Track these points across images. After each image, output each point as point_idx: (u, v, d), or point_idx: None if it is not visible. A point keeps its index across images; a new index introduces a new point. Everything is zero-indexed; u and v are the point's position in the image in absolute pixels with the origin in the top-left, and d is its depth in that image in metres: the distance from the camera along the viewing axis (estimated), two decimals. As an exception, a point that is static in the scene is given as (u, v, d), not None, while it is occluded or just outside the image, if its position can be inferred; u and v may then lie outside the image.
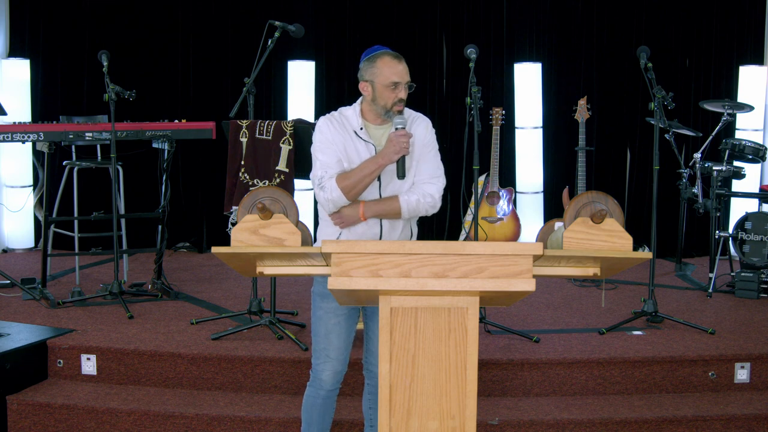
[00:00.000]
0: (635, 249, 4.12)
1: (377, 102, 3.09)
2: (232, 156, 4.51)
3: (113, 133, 5.16)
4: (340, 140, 3.10)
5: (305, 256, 2.52)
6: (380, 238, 3.14)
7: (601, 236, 2.48)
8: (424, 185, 3.13)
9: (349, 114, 3.16)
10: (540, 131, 7.10)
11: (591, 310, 5.21)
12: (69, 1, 7.15)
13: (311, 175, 3.14)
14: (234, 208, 4.45)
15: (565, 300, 5.50)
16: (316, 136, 3.13)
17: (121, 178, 5.76)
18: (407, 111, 3.18)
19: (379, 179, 3.12)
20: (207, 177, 6.99)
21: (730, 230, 5.88)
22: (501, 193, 6.41)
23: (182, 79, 7.19)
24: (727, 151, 6.00)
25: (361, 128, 3.13)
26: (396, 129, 3.05)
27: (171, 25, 7.15)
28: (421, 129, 3.17)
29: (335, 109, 3.23)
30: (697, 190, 6.11)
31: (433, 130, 3.23)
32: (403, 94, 3.09)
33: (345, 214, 3.10)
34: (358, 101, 3.20)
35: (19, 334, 4.45)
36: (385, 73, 3.05)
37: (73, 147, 6.25)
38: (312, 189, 7.28)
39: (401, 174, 3.07)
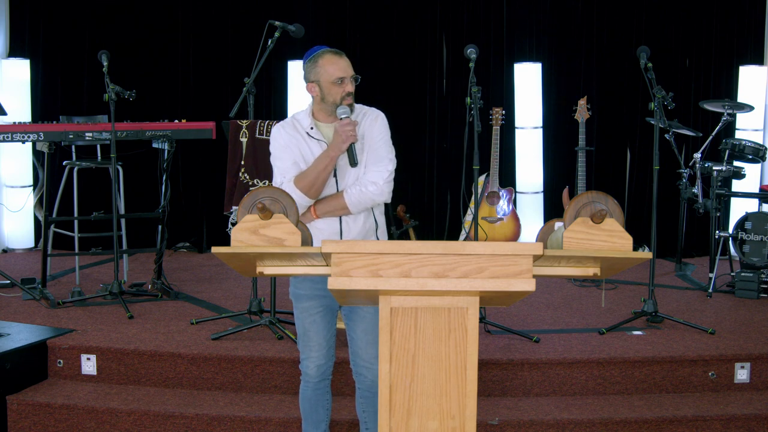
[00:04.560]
0: (635, 249, 4.12)
1: (326, 100, 3.16)
2: (232, 156, 4.51)
3: (113, 133, 5.16)
4: (294, 143, 3.17)
5: (305, 256, 2.52)
6: (340, 231, 3.20)
7: (601, 236, 2.48)
8: (367, 175, 3.18)
9: (301, 117, 3.24)
10: (540, 131, 7.10)
11: (591, 310, 5.21)
12: (69, 1, 7.15)
13: (273, 182, 3.21)
14: (234, 208, 4.46)
15: (565, 300, 5.50)
16: (272, 144, 3.22)
17: (121, 178, 5.76)
18: (359, 106, 3.25)
19: (335, 176, 3.18)
20: (207, 177, 6.99)
21: (730, 230, 5.88)
22: (501, 193, 6.41)
23: (182, 79, 7.19)
24: (727, 151, 6.00)
25: (312, 128, 3.19)
26: (341, 119, 3.11)
27: (171, 25, 7.15)
28: (368, 122, 3.22)
29: None
30: (697, 190, 6.10)
31: (384, 122, 3.26)
32: (350, 87, 3.16)
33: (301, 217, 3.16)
34: (309, 104, 3.26)
35: (19, 334, 4.45)
36: (329, 70, 3.13)
37: (73, 147, 6.25)
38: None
39: (353, 162, 3.13)
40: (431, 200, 7.22)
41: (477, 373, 2.47)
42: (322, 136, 3.19)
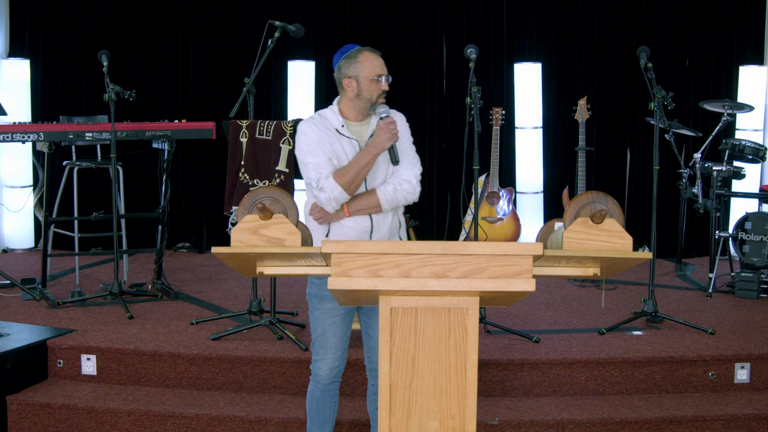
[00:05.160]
0: (635, 249, 4.13)
1: (362, 96, 3.17)
2: (232, 156, 4.51)
3: (113, 133, 5.16)
4: (326, 140, 3.16)
5: (305, 256, 2.53)
6: (371, 229, 3.20)
7: (601, 236, 2.48)
8: (400, 173, 3.22)
9: (328, 114, 3.23)
10: (540, 131, 7.10)
11: (591, 310, 5.21)
12: (69, 1, 7.15)
13: (305, 179, 3.19)
14: (234, 208, 4.45)
15: (565, 300, 5.50)
16: (301, 140, 3.18)
17: (121, 178, 5.76)
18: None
19: None
20: (207, 177, 6.99)
21: (730, 230, 5.88)
22: (501, 193, 6.41)
23: (182, 79, 7.19)
24: (727, 151, 6.00)
25: (342, 125, 3.19)
26: (381, 118, 3.15)
27: (171, 25, 7.15)
28: (396, 122, 3.24)
29: None
30: (697, 190, 6.11)
31: (407, 124, 3.32)
32: (385, 86, 3.19)
33: (332, 213, 3.16)
34: (335, 102, 3.27)
35: (19, 334, 4.45)
36: (369, 67, 3.16)
37: (73, 147, 6.25)
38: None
39: (395, 160, 3.17)
40: (431, 200, 7.22)
41: (477, 373, 2.47)
42: (352, 134, 3.20)
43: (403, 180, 3.19)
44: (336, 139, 3.16)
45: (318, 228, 3.19)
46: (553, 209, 7.08)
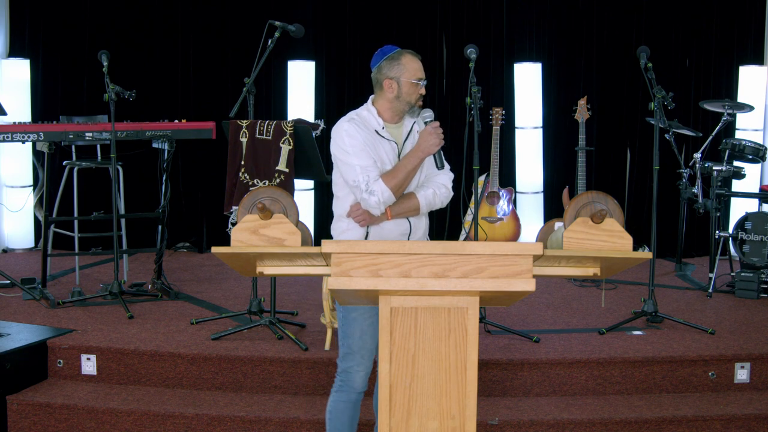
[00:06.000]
0: (635, 249, 4.13)
1: (402, 99, 3.17)
2: (232, 156, 4.51)
3: (113, 133, 5.16)
4: (371, 142, 3.14)
5: (305, 256, 2.53)
6: (409, 231, 3.21)
7: (601, 236, 2.49)
8: (437, 177, 3.25)
9: (365, 115, 3.20)
10: (540, 131, 7.10)
11: (591, 310, 5.21)
12: (69, 1, 7.15)
13: (349, 181, 3.12)
14: (234, 208, 4.45)
15: (565, 300, 5.50)
16: (346, 141, 3.12)
17: (121, 178, 5.76)
18: None
19: None
20: (207, 177, 6.98)
21: (730, 230, 5.88)
22: (501, 193, 6.41)
23: (182, 79, 7.19)
24: (727, 151, 6.00)
25: (383, 127, 3.18)
26: (426, 122, 3.17)
27: (171, 25, 7.15)
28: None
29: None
30: (697, 190, 6.11)
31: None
32: (423, 90, 3.21)
33: (375, 216, 3.15)
34: (369, 102, 3.24)
35: (19, 334, 4.46)
36: (411, 70, 3.17)
37: (73, 147, 6.25)
38: (311, 189, 7.24)
39: (441, 164, 3.19)
40: (431, 200, 7.20)
41: (477, 373, 2.47)
42: (390, 135, 3.19)
43: (440, 185, 3.24)
44: (377, 141, 3.16)
45: (356, 229, 3.16)
46: (553, 209, 7.07)
